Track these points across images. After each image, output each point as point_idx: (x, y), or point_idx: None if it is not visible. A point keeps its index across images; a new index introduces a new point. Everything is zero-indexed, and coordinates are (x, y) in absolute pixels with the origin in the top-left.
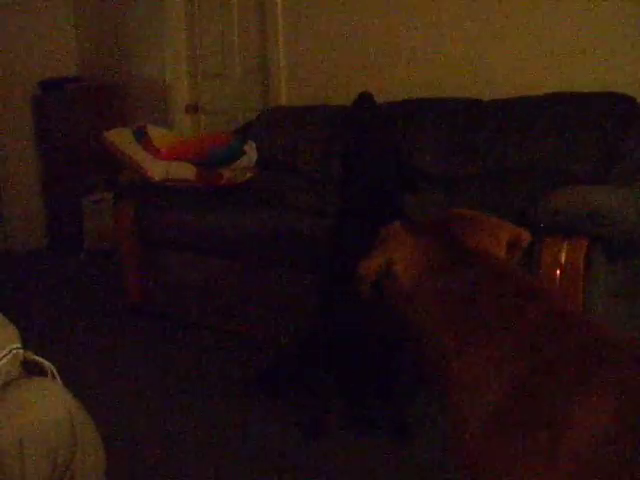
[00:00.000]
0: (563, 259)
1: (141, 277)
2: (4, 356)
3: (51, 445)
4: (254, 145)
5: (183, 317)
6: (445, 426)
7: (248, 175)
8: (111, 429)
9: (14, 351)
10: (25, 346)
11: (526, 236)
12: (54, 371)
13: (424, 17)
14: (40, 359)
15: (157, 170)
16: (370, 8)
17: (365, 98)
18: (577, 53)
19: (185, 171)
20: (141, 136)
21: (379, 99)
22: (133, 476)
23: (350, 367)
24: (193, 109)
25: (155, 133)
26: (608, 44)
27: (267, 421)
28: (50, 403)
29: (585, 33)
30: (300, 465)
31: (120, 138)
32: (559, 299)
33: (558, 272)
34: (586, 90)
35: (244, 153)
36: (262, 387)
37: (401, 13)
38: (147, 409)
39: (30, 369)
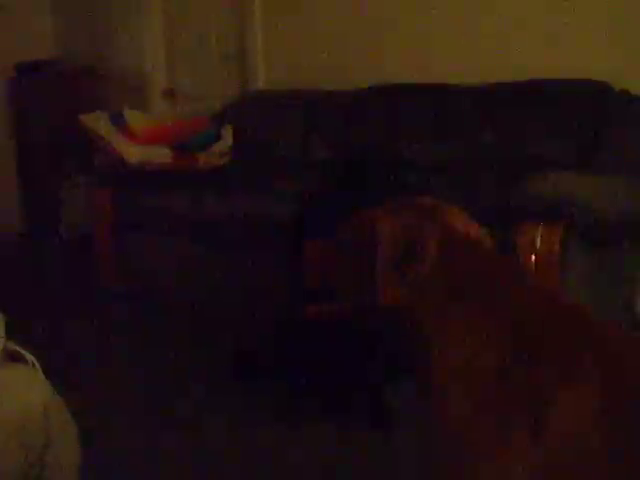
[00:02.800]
0: (538, 244)
1: (116, 261)
2: None
3: (24, 433)
4: (231, 129)
5: (159, 301)
6: (424, 413)
7: (224, 159)
8: (85, 417)
9: None
10: (9, 336)
11: (475, 234)
12: (35, 362)
13: (401, 4)
14: (21, 350)
15: (133, 154)
16: None
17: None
18: (557, 39)
19: (161, 155)
20: (118, 120)
21: (358, 84)
22: (110, 464)
23: (329, 353)
24: (170, 93)
25: (132, 117)
26: (587, 30)
27: (243, 407)
28: (24, 392)
29: (564, 19)
30: (277, 454)
31: (97, 122)
32: (543, 282)
33: (533, 257)
34: (566, 77)
35: (220, 137)
36: (238, 372)
37: None
38: (123, 395)
39: (12, 359)
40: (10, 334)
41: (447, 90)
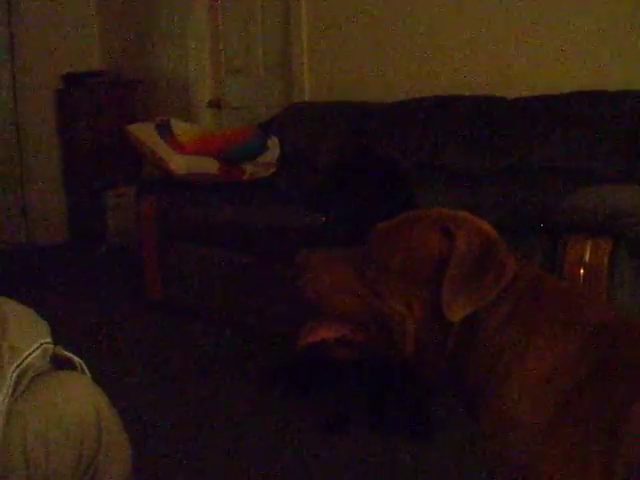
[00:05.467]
0: (587, 258)
1: (161, 272)
2: (34, 350)
3: (76, 439)
4: (277, 140)
5: (203, 313)
6: (469, 429)
7: (270, 170)
8: (129, 424)
9: (44, 345)
10: (55, 341)
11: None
12: (84, 366)
13: (448, 15)
14: (70, 354)
15: (179, 164)
16: (393, 6)
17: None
18: (601, 51)
19: (207, 165)
20: (164, 130)
21: (403, 95)
22: (154, 472)
23: (372, 366)
24: (216, 104)
25: (178, 127)
26: (632, 42)
27: (286, 419)
28: (77, 397)
29: (610, 31)
30: (319, 463)
31: (143, 132)
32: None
33: (582, 271)
34: (610, 88)
35: (267, 148)
36: (282, 384)
37: (425, 10)
38: (166, 405)
39: (60, 364)
40: (56, 340)
41: (492, 102)
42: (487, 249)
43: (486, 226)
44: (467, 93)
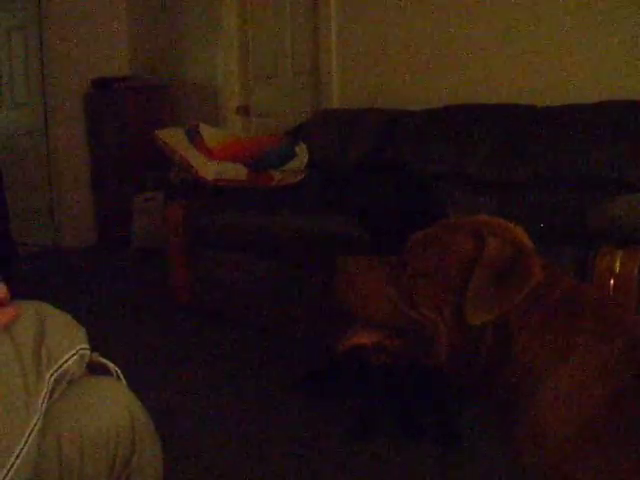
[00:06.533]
0: (618, 268)
1: (189, 276)
2: (71, 356)
3: (111, 443)
4: (305, 147)
5: (231, 317)
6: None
7: (299, 177)
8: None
9: (81, 351)
10: (92, 348)
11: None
12: (119, 373)
13: (478, 23)
14: (106, 361)
15: (209, 170)
16: (423, 12)
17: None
18: (633, 60)
19: (236, 172)
20: (193, 135)
21: (432, 103)
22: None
23: (401, 373)
24: (244, 111)
25: (207, 133)
26: None
27: (313, 422)
28: (112, 402)
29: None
30: (346, 467)
31: (172, 137)
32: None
33: (612, 281)
34: None
35: (295, 155)
36: (310, 388)
37: (454, 18)
38: (192, 408)
39: (96, 370)
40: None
41: (522, 111)
42: (516, 256)
43: (520, 234)
44: (496, 101)
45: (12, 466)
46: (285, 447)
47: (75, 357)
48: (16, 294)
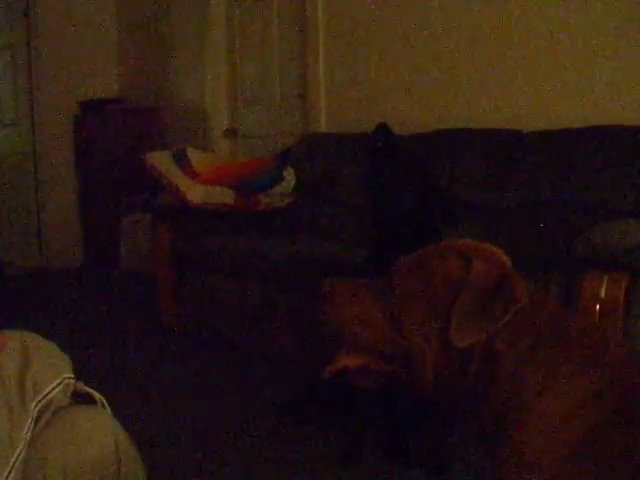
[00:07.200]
0: (603, 294)
1: (176, 299)
2: (56, 386)
3: (95, 471)
4: (292, 171)
5: (217, 340)
6: (482, 463)
7: (286, 201)
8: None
9: (66, 381)
10: (77, 376)
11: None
12: (104, 402)
13: (465, 48)
14: (91, 390)
15: (196, 194)
16: (413, 37)
17: (381, 129)
18: (619, 86)
19: (224, 195)
20: (181, 159)
21: (420, 128)
22: None
23: (386, 398)
24: (232, 134)
25: (195, 156)
26: None
27: (298, 447)
28: (97, 431)
29: (627, 66)
30: None
31: (160, 161)
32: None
33: (598, 307)
34: (628, 123)
35: (283, 179)
36: (294, 412)
37: (442, 43)
38: (178, 431)
39: (81, 399)
40: (77, 374)
41: (509, 136)
42: (501, 280)
43: (505, 258)
44: (484, 126)
45: None
46: (271, 472)
47: (60, 386)
48: (1, 315)
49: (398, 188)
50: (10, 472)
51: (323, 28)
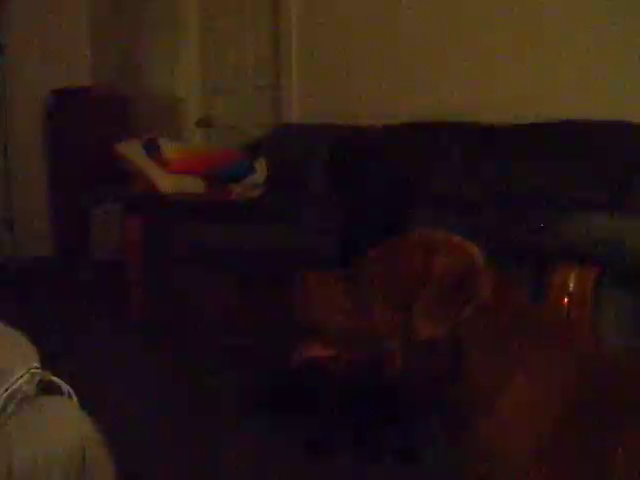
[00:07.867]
0: (572, 286)
1: (146, 290)
2: (22, 375)
3: (62, 462)
4: (264, 162)
5: (187, 332)
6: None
7: (257, 192)
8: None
9: (32, 370)
10: (43, 366)
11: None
12: (71, 392)
13: (437, 41)
14: (57, 380)
15: (167, 183)
16: (385, 29)
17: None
18: (590, 80)
19: (194, 185)
20: (152, 149)
21: (392, 119)
22: None
23: (356, 388)
24: (204, 123)
25: (166, 146)
26: (621, 71)
27: (267, 439)
28: (63, 422)
29: (598, 61)
30: None
31: (132, 151)
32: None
33: (566, 299)
34: (599, 118)
35: (254, 170)
36: (264, 403)
37: (414, 36)
38: (147, 426)
39: (47, 388)
40: (44, 364)
41: (479, 129)
42: (464, 273)
43: (473, 251)
44: (454, 119)
45: None
46: (242, 464)
47: (26, 376)
48: None
49: (368, 180)
50: None
51: (296, 19)
